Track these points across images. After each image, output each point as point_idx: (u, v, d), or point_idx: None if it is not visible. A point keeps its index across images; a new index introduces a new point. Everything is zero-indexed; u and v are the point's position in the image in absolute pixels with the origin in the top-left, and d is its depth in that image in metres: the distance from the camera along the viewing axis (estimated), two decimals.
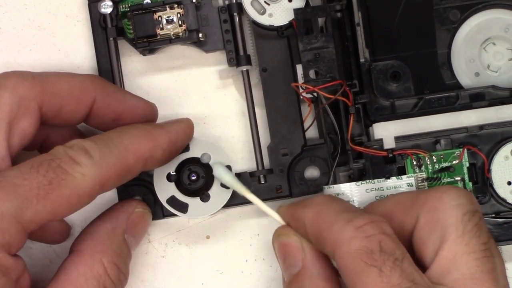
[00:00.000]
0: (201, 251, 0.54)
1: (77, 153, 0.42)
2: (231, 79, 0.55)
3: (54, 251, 0.53)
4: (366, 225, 0.40)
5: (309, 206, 0.44)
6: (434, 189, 0.43)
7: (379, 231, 0.40)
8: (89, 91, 0.47)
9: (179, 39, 0.51)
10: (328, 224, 0.41)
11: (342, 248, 0.40)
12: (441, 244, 0.40)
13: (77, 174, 0.41)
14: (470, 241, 0.40)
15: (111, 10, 0.52)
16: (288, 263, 0.44)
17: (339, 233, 0.40)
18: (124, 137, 0.45)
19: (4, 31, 0.55)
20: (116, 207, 0.50)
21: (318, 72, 0.50)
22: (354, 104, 0.49)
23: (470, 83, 0.51)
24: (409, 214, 0.42)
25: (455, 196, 0.41)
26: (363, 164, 0.50)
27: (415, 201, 0.42)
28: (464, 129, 0.49)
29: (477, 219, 0.41)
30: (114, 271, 0.46)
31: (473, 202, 0.42)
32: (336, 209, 0.42)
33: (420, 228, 0.41)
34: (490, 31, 0.51)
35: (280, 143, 0.52)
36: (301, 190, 0.52)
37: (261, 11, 0.52)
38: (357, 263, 0.39)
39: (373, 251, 0.39)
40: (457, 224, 0.40)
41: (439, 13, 0.51)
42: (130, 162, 0.45)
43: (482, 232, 0.40)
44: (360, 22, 0.49)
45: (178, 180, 0.51)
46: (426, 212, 0.41)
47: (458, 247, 0.40)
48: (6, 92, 0.44)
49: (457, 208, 0.41)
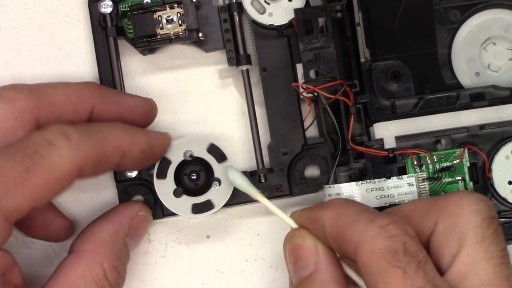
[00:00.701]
0: (201, 251, 0.54)
1: (54, 135, 0.42)
2: (231, 79, 0.55)
3: (54, 250, 0.53)
4: (389, 225, 0.40)
5: (328, 207, 0.43)
6: (452, 194, 0.42)
7: (402, 232, 0.39)
8: (87, 99, 0.47)
9: (179, 39, 0.51)
10: (350, 223, 0.41)
11: (365, 247, 0.39)
12: (459, 249, 0.40)
13: (54, 156, 0.41)
14: (489, 247, 0.40)
15: (111, 9, 0.52)
16: (299, 265, 0.44)
17: (362, 232, 0.40)
18: (104, 128, 0.45)
19: (4, 31, 0.55)
20: (119, 209, 0.50)
21: (319, 72, 0.50)
22: (354, 104, 0.49)
23: (470, 83, 0.51)
24: (427, 219, 0.42)
25: (474, 202, 0.41)
26: (364, 164, 0.50)
27: (433, 206, 0.42)
28: (464, 129, 0.49)
29: (496, 225, 0.41)
30: (113, 274, 0.46)
31: (491, 208, 0.41)
32: (357, 209, 0.42)
33: (439, 233, 0.41)
34: (491, 31, 0.51)
35: (280, 142, 0.52)
36: (301, 189, 0.52)
37: (261, 10, 0.52)
38: (381, 263, 0.38)
39: (397, 251, 0.39)
40: (476, 229, 0.40)
41: (439, 13, 0.51)
42: (108, 149, 0.44)
43: (500, 239, 0.40)
44: (360, 22, 0.49)
45: (179, 179, 0.51)
46: (444, 217, 0.41)
47: (477, 252, 0.40)
48: (3, 103, 0.44)
49: (476, 213, 0.41)
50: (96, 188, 0.54)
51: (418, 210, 0.43)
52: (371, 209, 0.43)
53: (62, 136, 0.42)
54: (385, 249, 0.39)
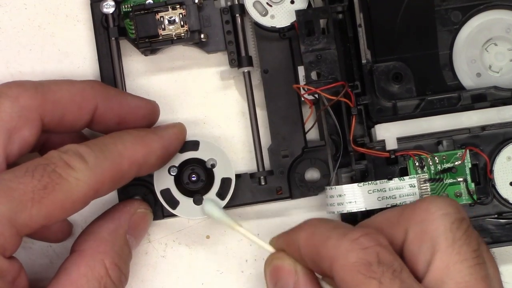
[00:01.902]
0: (201, 251, 0.54)
1: (71, 157, 0.42)
2: (232, 80, 0.55)
3: (54, 251, 0.53)
4: (361, 237, 0.40)
5: (302, 228, 0.44)
6: (419, 201, 0.42)
7: (375, 243, 0.40)
8: (91, 98, 0.47)
9: (181, 40, 0.51)
10: (323, 240, 0.41)
11: (339, 262, 0.40)
12: (432, 255, 0.40)
13: (71, 179, 0.41)
14: (461, 249, 0.40)
15: (113, 10, 0.52)
16: (279, 286, 0.44)
17: (335, 247, 0.40)
18: (118, 143, 0.45)
19: (4, 31, 0.55)
20: (118, 207, 0.50)
21: (320, 74, 0.50)
22: (356, 105, 0.49)
23: (471, 83, 0.51)
24: (397, 229, 0.42)
25: (441, 206, 0.41)
26: (365, 165, 0.50)
27: (402, 215, 0.42)
28: (466, 130, 0.49)
29: (466, 226, 0.41)
30: (115, 272, 0.46)
31: (460, 210, 0.41)
32: (329, 226, 0.42)
33: (410, 241, 0.41)
34: (492, 32, 0.51)
35: (281, 144, 0.52)
36: (301, 191, 0.52)
37: (263, 12, 0.52)
38: (356, 276, 0.39)
39: (371, 263, 0.39)
40: (446, 233, 0.40)
41: (440, 14, 0.51)
42: (124, 167, 0.45)
43: (472, 239, 0.40)
44: (361, 23, 0.49)
45: (178, 177, 0.51)
46: (414, 224, 0.41)
47: (450, 256, 0.39)
48: (7, 101, 0.44)
49: (444, 217, 0.41)
50: None
51: (388, 220, 0.43)
52: (343, 225, 0.43)
53: (78, 158, 0.42)
54: (359, 261, 0.39)
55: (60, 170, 0.41)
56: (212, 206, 0.49)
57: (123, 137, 0.46)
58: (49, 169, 0.41)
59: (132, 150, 0.45)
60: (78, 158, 0.42)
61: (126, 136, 0.46)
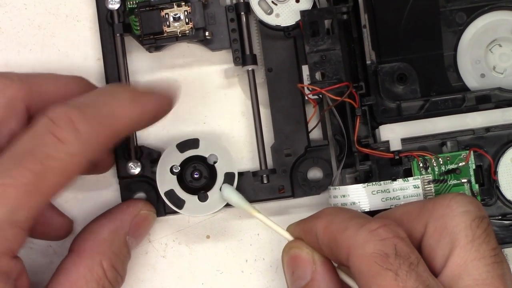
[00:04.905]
0: (201, 251, 0.54)
1: (62, 129, 0.40)
2: (236, 78, 0.55)
3: (54, 251, 0.53)
4: (380, 228, 0.40)
5: (320, 216, 0.44)
6: (441, 196, 0.43)
7: (393, 235, 0.40)
8: (75, 92, 0.47)
9: (186, 37, 0.51)
10: (341, 229, 0.41)
11: (356, 252, 0.40)
12: (451, 251, 0.40)
13: (64, 156, 0.40)
14: (480, 247, 0.40)
15: (119, 6, 0.52)
16: (297, 275, 0.44)
17: (353, 237, 0.40)
18: (114, 102, 0.43)
19: (4, 31, 0.55)
20: (121, 207, 0.50)
21: (325, 74, 0.50)
22: (360, 106, 0.49)
23: (476, 84, 0.51)
24: (417, 223, 0.42)
25: (463, 203, 0.41)
26: (370, 166, 0.50)
27: (422, 209, 0.42)
28: (470, 131, 0.49)
29: (486, 225, 0.41)
30: (112, 273, 0.46)
31: (480, 208, 0.42)
32: (347, 216, 0.42)
33: (429, 235, 0.41)
34: (496, 33, 0.51)
35: (284, 143, 0.52)
36: (304, 191, 0.52)
37: (268, 11, 0.52)
38: (372, 266, 0.39)
39: (389, 254, 0.39)
40: (467, 230, 0.40)
41: (445, 16, 0.51)
42: (117, 129, 0.43)
43: (491, 238, 0.41)
44: (366, 24, 0.49)
45: (181, 175, 0.51)
46: (434, 219, 0.41)
47: (468, 253, 0.40)
48: None
49: (465, 214, 0.41)
50: (98, 187, 0.54)
51: (408, 213, 0.43)
52: (361, 215, 0.43)
53: (71, 129, 0.40)
54: (376, 252, 0.39)
55: (51, 150, 0.40)
56: (231, 191, 0.49)
57: (118, 95, 0.44)
58: (38, 154, 0.40)
59: (126, 110, 0.43)
60: (69, 128, 0.40)
61: (119, 93, 0.44)
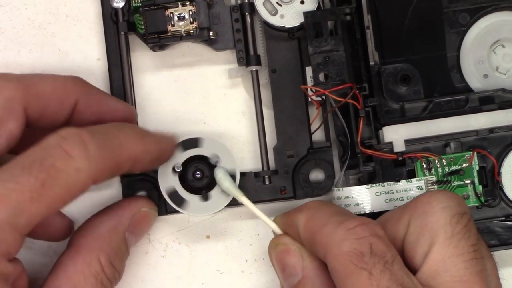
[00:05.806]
0: (201, 251, 0.54)
1: (72, 145, 0.41)
2: (240, 79, 0.55)
3: (54, 251, 0.53)
4: (357, 227, 0.40)
5: (302, 210, 0.44)
6: (422, 194, 0.43)
7: (370, 233, 0.40)
8: (72, 92, 0.47)
9: (190, 37, 0.51)
10: (320, 226, 0.41)
11: (333, 250, 0.40)
12: (430, 247, 0.40)
13: (70, 170, 0.40)
14: (459, 243, 0.40)
15: (123, 4, 0.52)
16: (288, 273, 0.44)
17: (330, 235, 0.40)
18: (121, 133, 0.45)
19: (4, 31, 0.55)
20: (122, 203, 0.50)
21: (328, 75, 0.50)
22: (364, 107, 0.49)
23: (479, 85, 0.51)
24: (400, 223, 0.42)
25: (442, 199, 0.41)
26: (373, 167, 0.50)
27: (405, 209, 0.43)
28: (474, 132, 0.49)
29: (466, 221, 0.41)
30: (110, 269, 0.46)
31: (461, 204, 0.42)
32: (328, 212, 0.43)
33: (410, 233, 0.42)
34: (500, 33, 0.51)
35: (286, 144, 0.52)
36: (306, 192, 0.52)
37: (272, 11, 0.52)
38: (347, 266, 0.39)
39: (364, 253, 0.39)
40: (446, 226, 0.40)
41: (448, 16, 0.51)
42: (122, 160, 0.44)
43: (470, 234, 0.41)
44: (369, 25, 0.49)
45: (183, 175, 0.51)
46: (415, 217, 0.42)
47: (447, 249, 0.40)
48: None
49: (445, 210, 0.41)
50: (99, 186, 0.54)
51: (393, 216, 0.43)
52: (343, 211, 0.43)
53: (80, 146, 0.41)
54: (351, 251, 0.39)
55: (59, 162, 0.40)
56: (224, 174, 0.49)
57: (125, 129, 0.46)
58: (46, 164, 0.40)
59: (132, 144, 0.45)
60: (79, 145, 0.41)
61: (128, 129, 0.46)
